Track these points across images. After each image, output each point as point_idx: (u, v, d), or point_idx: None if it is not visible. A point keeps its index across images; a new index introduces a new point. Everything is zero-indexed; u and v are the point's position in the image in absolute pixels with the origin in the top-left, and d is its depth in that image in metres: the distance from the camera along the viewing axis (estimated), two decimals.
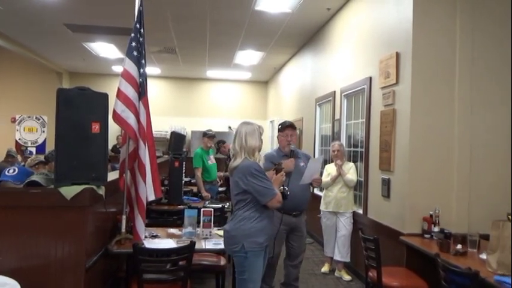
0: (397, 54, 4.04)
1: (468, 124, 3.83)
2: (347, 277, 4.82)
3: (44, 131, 11.11)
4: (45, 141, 11.05)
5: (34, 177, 2.75)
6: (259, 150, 2.86)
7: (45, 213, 2.60)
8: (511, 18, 3.77)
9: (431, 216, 3.65)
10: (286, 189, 2.98)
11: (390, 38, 4.24)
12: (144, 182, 3.20)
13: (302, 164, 3.74)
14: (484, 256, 2.91)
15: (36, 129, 11.10)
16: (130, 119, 3.16)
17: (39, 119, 11.09)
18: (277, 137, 4.02)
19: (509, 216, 1.84)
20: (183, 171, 5.39)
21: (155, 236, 3.48)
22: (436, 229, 3.60)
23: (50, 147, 10.27)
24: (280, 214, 3.46)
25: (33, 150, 10.71)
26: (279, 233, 3.47)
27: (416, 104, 3.80)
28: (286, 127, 3.88)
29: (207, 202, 5.42)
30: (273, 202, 2.74)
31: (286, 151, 3.81)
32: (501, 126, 3.89)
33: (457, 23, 3.83)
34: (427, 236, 3.64)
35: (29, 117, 11.05)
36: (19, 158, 7.09)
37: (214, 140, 6.58)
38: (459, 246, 3.15)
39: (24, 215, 2.58)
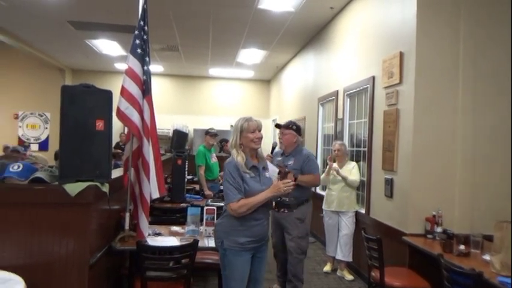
0: (401, 54, 4.03)
1: (471, 124, 3.82)
2: (349, 277, 4.82)
3: (46, 128, 11.11)
4: (48, 138, 11.06)
5: (38, 174, 2.74)
6: (246, 147, 2.68)
7: (50, 210, 2.61)
8: (511, 18, 3.76)
9: (434, 216, 3.65)
10: (287, 199, 2.78)
11: (394, 38, 4.23)
12: (148, 179, 3.21)
13: (291, 162, 3.80)
14: (487, 257, 2.91)
15: (38, 126, 11.10)
16: (134, 116, 3.17)
17: (42, 116, 11.10)
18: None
19: None
20: (186, 169, 5.39)
21: (158, 234, 3.48)
22: (438, 229, 3.60)
23: (53, 144, 10.29)
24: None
25: (36, 146, 10.73)
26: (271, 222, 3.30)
27: (420, 104, 3.79)
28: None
29: (209, 200, 5.43)
30: (229, 207, 2.59)
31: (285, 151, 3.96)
32: (504, 126, 3.87)
33: (460, 23, 3.83)
34: (429, 236, 3.64)
35: (32, 113, 11.05)
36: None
37: (216, 138, 6.58)
38: (462, 247, 3.14)
39: (29, 212, 2.58)
